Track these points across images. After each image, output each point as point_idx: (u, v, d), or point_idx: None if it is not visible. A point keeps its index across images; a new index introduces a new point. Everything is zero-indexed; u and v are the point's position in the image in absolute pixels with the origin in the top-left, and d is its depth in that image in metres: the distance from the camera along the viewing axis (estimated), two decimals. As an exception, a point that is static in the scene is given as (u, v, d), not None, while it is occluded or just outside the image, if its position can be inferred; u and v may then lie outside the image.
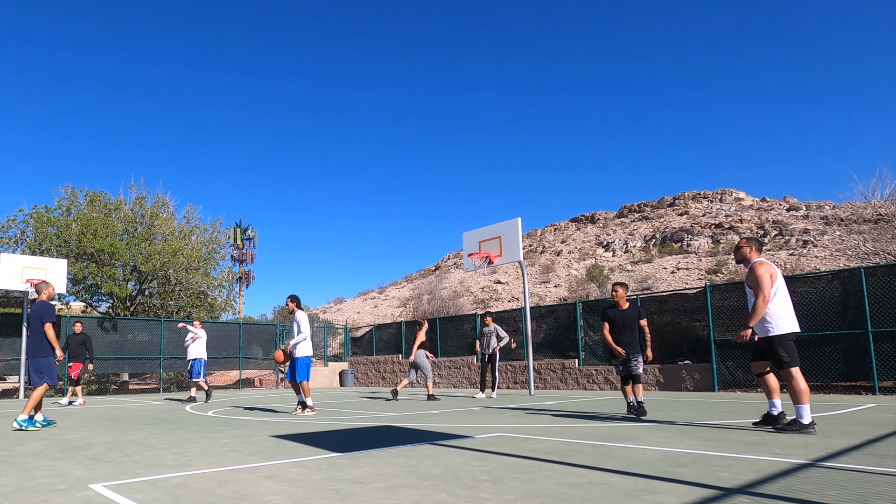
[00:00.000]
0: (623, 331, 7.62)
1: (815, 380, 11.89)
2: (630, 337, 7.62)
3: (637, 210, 60.76)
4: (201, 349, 13.24)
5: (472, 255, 14.69)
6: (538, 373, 16.72)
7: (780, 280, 5.78)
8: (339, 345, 28.96)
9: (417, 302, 40.96)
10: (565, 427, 6.54)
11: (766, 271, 5.71)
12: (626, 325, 7.62)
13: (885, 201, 19.71)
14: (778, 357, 5.67)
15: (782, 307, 5.70)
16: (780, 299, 5.72)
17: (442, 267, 62.57)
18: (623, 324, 7.63)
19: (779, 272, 5.83)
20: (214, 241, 24.60)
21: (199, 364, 13.16)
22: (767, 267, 5.76)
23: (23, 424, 7.40)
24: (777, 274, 5.78)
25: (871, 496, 2.95)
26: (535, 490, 3.27)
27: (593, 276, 37.60)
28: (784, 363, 5.62)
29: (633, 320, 7.65)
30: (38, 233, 20.51)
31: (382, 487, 3.43)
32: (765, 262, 5.83)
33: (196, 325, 13.37)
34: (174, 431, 6.92)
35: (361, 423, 7.43)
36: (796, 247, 38.81)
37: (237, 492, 3.40)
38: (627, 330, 7.62)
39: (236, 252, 42.19)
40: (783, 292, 5.77)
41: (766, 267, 5.75)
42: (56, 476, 4.09)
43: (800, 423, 5.52)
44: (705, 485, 3.29)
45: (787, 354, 5.62)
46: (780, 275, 5.81)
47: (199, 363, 13.17)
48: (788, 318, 5.70)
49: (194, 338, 13.21)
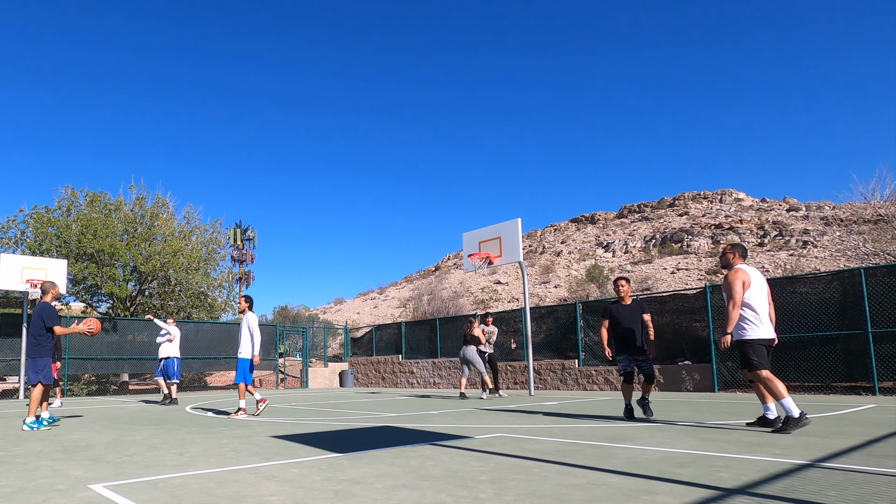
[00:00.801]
0: (628, 327, 7.33)
1: (814, 380, 11.90)
2: (636, 334, 7.31)
3: (637, 210, 60.74)
4: (175, 348, 12.60)
5: (472, 256, 14.69)
6: (538, 373, 16.72)
7: (756, 286, 5.91)
8: (339, 345, 28.96)
9: (417, 302, 40.95)
10: (565, 427, 6.54)
11: (740, 278, 5.89)
12: (632, 320, 7.32)
13: (885, 202, 19.72)
14: (748, 359, 5.83)
15: (758, 313, 5.85)
16: (757, 305, 5.88)
17: (442, 267, 62.56)
18: (628, 319, 7.35)
19: (756, 279, 5.95)
20: (214, 241, 24.60)
21: (172, 363, 12.49)
22: (742, 274, 5.92)
23: (33, 426, 7.38)
24: (752, 281, 5.91)
25: (871, 497, 2.95)
26: (535, 490, 3.27)
27: (593, 276, 37.60)
28: (753, 365, 5.78)
29: (637, 316, 7.35)
30: (38, 233, 20.51)
31: (382, 488, 3.43)
32: (741, 269, 5.99)
33: (170, 323, 12.71)
34: (174, 432, 6.92)
35: (361, 424, 7.43)
36: (796, 247, 38.80)
37: (237, 492, 3.40)
38: (633, 326, 7.31)
39: (236, 252, 42.21)
40: (761, 298, 5.92)
41: (740, 274, 5.92)
42: (56, 476, 4.09)
43: (792, 419, 5.58)
44: (705, 485, 3.29)
45: (756, 357, 5.78)
46: (759, 281, 5.96)
47: (172, 362, 12.50)
48: (763, 325, 5.85)
49: (169, 337, 12.57)
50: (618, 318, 7.44)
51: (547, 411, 8.87)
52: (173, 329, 12.66)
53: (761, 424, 6.05)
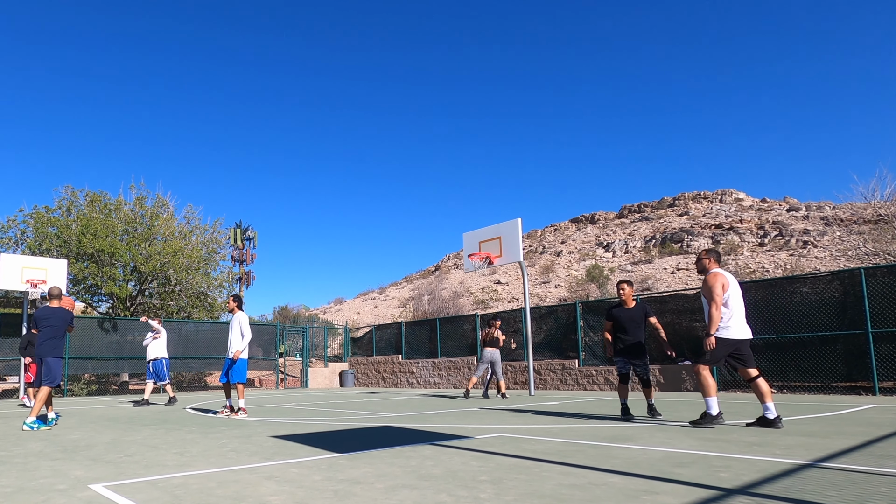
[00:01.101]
0: (629, 330, 7.40)
1: (815, 380, 11.89)
2: (636, 337, 7.38)
3: (637, 210, 60.73)
4: (162, 348, 12.48)
5: (472, 256, 14.69)
6: (538, 373, 16.71)
7: (733, 289, 6.26)
8: (339, 345, 28.96)
9: (417, 302, 40.94)
10: (565, 427, 6.54)
11: (719, 281, 6.21)
12: (634, 323, 7.40)
13: (885, 202, 19.70)
14: (703, 351, 6.24)
15: (733, 313, 6.20)
16: (732, 306, 6.22)
17: (442, 267, 62.56)
18: (630, 323, 7.41)
19: (732, 282, 6.30)
20: (214, 241, 24.58)
21: (161, 364, 12.38)
22: (721, 277, 6.25)
23: (33, 426, 7.37)
24: (730, 284, 6.26)
25: (872, 497, 2.95)
26: (536, 490, 3.27)
27: (593, 276, 37.59)
28: (704, 359, 6.22)
29: (640, 319, 7.41)
30: (39, 233, 20.49)
31: (382, 488, 3.43)
32: (719, 273, 6.32)
33: (156, 323, 12.52)
34: (174, 432, 6.92)
35: (361, 424, 7.43)
36: (796, 247, 38.80)
37: (237, 492, 3.40)
38: (634, 329, 7.39)
39: (236, 252, 42.16)
40: (737, 300, 6.27)
41: (719, 277, 6.24)
42: (56, 476, 4.09)
43: (709, 415, 6.18)
44: (706, 485, 3.29)
45: (709, 353, 6.20)
46: (734, 284, 6.32)
47: (161, 363, 12.38)
48: (736, 325, 6.20)
49: (154, 336, 12.44)
50: (619, 320, 7.52)
51: (547, 411, 8.86)
52: (160, 329, 12.51)
53: (761, 424, 6.09)
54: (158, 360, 12.45)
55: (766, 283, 13.77)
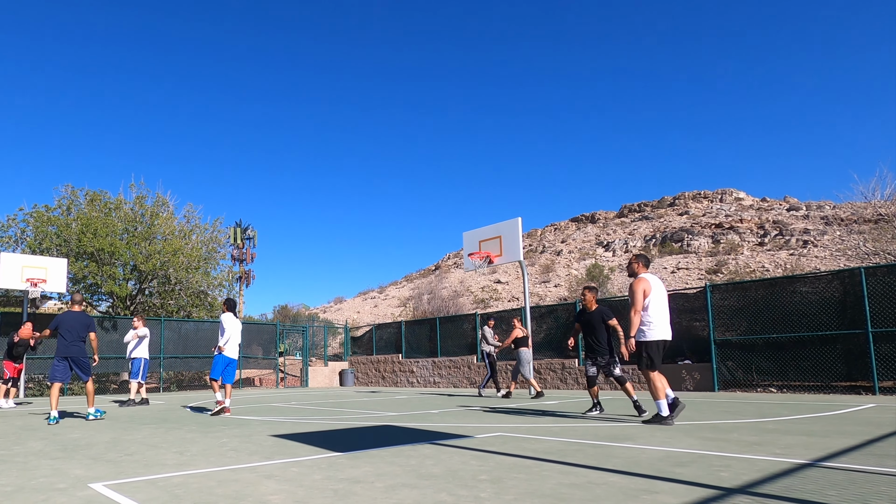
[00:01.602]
0: (589, 332, 7.94)
1: (815, 380, 11.89)
2: (596, 338, 7.83)
3: (637, 210, 60.74)
4: (144, 349, 12.33)
5: (472, 255, 14.68)
6: (538, 373, 16.71)
7: (655, 293, 6.55)
8: (339, 344, 28.97)
9: (417, 301, 40.94)
10: (565, 427, 6.54)
11: (641, 287, 6.52)
12: (591, 326, 7.90)
13: (886, 201, 19.70)
14: (641, 358, 6.50)
15: (656, 316, 6.48)
16: (655, 309, 6.50)
17: (442, 267, 62.58)
18: (587, 325, 7.95)
19: (656, 286, 6.59)
20: (214, 240, 24.58)
21: (138, 363, 12.24)
22: (643, 283, 6.55)
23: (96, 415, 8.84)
24: (653, 288, 6.55)
25: (872, 496, 2.95)
26: (536, 490, 3.27)
27: (593, 275, 37.59)
28: (643, 365, 6.49)
29: (598, 322, 7.84)
30: (39, 232, 20.49)
31: (382, 487, 3.43)
32: (643, 278, 6.61)
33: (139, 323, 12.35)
34: (174, 431, 6.93)
35: (361, 423, 7.43)
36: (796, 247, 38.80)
37: (237, 491, 3.40)
38: (591, 331, 7.88)
39: (236, 251, 42.14)
40: (660, 303, 6.55)
41: (641, 283, 6.54)
42: (56, 475, 4.09)
43: (660, 416, 6.45)
44: (706, 485, 3.29)
45: (648, 358, 6.49)
46: (658, 288, 6.61)
47: (138, 362, 12.25)
48: (660, 327, 6.49)
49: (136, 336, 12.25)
50: (582, 322, 8.10)
51: (547, 411, 8.87)
52: (144, 329, 12.35)
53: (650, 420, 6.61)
54: (138, 359, 12.35)
55: (767, 282, 13.77)
